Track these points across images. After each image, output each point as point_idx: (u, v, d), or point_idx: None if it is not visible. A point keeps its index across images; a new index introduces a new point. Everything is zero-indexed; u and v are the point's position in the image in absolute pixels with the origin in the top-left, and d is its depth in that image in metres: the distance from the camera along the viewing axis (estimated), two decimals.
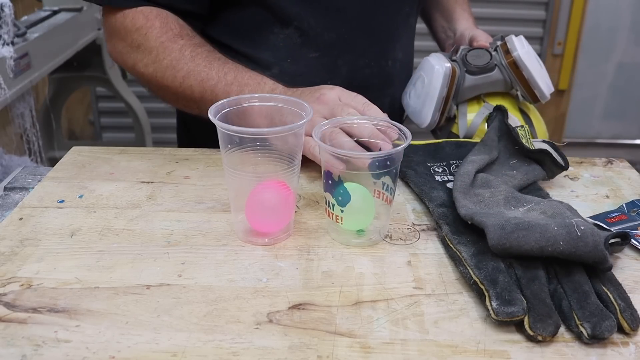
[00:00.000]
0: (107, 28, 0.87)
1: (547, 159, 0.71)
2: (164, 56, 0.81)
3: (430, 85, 0.88)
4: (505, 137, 0.74)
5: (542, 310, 0.50)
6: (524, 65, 0.86)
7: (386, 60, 0.95)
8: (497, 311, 0.50)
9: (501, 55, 0.88)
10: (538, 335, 0.49)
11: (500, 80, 0.88)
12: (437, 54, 0.90)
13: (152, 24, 0.82)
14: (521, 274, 0.54)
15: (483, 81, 0.89)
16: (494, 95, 0.91)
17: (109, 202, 0.69)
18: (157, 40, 0.82)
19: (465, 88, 0.89)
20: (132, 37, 0.83)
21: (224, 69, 0.80)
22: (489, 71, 0.88)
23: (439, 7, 1.10)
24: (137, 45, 0.83)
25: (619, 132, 2.80)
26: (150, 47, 0.82)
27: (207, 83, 0.80)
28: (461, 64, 0.89)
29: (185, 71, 0.81)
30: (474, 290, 0.54)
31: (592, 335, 0.49)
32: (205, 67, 0.80)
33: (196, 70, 0.80)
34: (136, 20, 0.82)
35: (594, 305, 0.50)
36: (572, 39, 2.60)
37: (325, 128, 0.63)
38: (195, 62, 0.81)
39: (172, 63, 0.81)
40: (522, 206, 0.61)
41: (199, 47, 0.82)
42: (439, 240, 0.63)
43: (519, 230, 0.54)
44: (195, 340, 0.49)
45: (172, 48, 0.81)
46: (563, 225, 0.54)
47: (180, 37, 0.83)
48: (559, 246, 0.53)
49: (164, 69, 0.81)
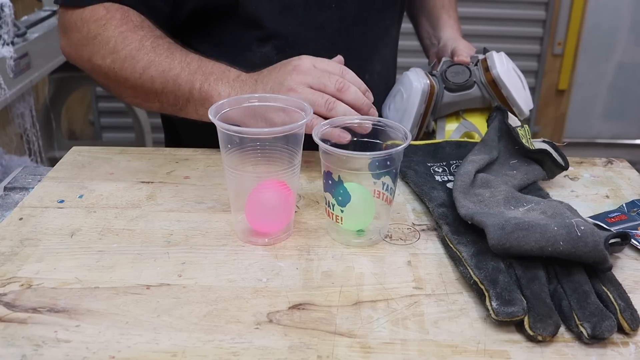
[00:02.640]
0: (62, 23, 0.84)
1: (547, 159, 0.71)
2: (123, 46, 0.78)
3: (409, 101, 0.88)
4: (505, 137, 0.74)
5: (542, 310, 0.50)
6: (502, 84, 0.86)
7: (363, 74, 0.94)
8: (497, 311, 0.50)
9: (481, 71, 0.88)
10: (538, 335, 0.49)
11: (479, 97, 0.88)
12: (417, 69, 0.90)
13: (113, 15, 0.79)
14: (521, 274, 0.54)
15: (461, 98, 0.89)
16: (472, 111, 0.91)
17: (109, 202, 0.69)
18: (116, 30, 0.78)
19: (443, 104, 0.89)
20: (89, 27, 0.79)
21: (186, 59, 0.77)
22: (468, 88, 0.88)
23: (425, 12, 1.08)
24: (94, 35, 0.79)
25: (619, 132, 2.80)
26: (108, 37, 0.78)
27: (169, 73, 0.76)
28: (440, 80, 0.89)
29: (145, 61, 0.77)
30: (474, 290, 0.54)
31: (592, 335, 0.49)
32: (167, 58, 0.77)
33: (157, 60, 0.77)
34: (96, 11, 0.79)
35: (594, 305, 0.50)
36: (572, 39, 2.60)
37: (325, 128, 0.63)
38: (156, 52, 0.77)
39: (131, 53, 0.77)
40: (522, 206, 0.61)
41: (160, 39, 0.79)
42: (439, 240, 0.63)
43: (519, 230, 0.54)
44: (195, 340, 0.49)
45: (132, 38, 0.78)
46: (563, 226, 0.54)
47: (141, 28, 0.79)
48: (559, 246, 0.53)
49: (123, 59, 0.77)
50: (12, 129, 1.71)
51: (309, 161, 0.79)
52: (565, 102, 2.72)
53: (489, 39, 2.40)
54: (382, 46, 0.98)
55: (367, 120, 0.66)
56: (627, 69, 2.69)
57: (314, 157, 0.79)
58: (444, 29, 1.04)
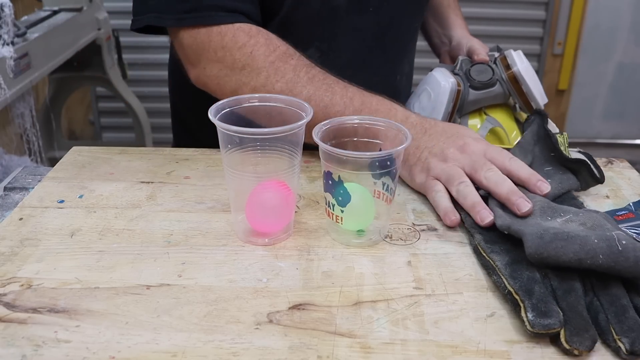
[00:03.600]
0: (192, 49, 0.77)
1: (583, 169, 0.70)
2: (277, 78, 0.73)
3: (437, 101, 0.90)
4: (541, 142, 0.72)
5: (579, 323, 0.48)
6: (523, 80, 0.90)
7: (395, 75, 0.95)
8: (533, 323, 0.48)
9: (501, 69, 0.92)
10: (575, 350, 0.47)
11: (501, 94, 0.92)
12: (442, 69, 0.93)
13: (257, 40, 0.74)
14: (557, 285, 0.52)
15: (485, 95, 0.92)
16: (493, 107, 0.94)
17: (109, 202, 0.69)
18: (266, 60, 0.73)
19: (468, 102, 0.92)
20: (234, 57, 0.74)
21: (347, 94, 0.73)
22: (491, 86, 0.92)
23: (432, 11, 1.10)
24: (242, 66, 0.74)
25: (619, 132, 2.80)
26: (259, 68, 0.73)
27: (331, 110, 0.72)
28: (464, 79, 0.92)
29: (304, 95, 0.72)
30: (509, 301, 0.53)
31: (630, 351, 0.47)
32: (327, 92, 0.73)
33: (317, 94, 0.72)
34: (238, 38, 0.74)
35: (632, 319, 0.49)
36: (572, 39, 2.60)
37: (325, 128, 0.63)
38: (314, 85, 0.73)
39: (287, 86, 0.73)
40: (559, 216, 0.59)
41: (313, 68, 0.75)
42: (471, 248, 0.61)
43: (557, 240, 0.53)
44: (195, 341, 0.49)
45: (285, 69, 0.73)
46: (604, 238, 0.52)
47: (290, 56, 0.75)
48: (598, 259, 0.51)
49: (278, 92, 0.72)
50: (12, 129, 1.71)
51: (309, 161, 0.79)
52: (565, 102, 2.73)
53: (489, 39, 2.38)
54: (411, 48, 1.00)
55: (368, 120, 0.66)
56: (627, 69, 2.69)
57: (314, 157, 0.79)
58: (454, 28, 1.06)
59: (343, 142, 0.64)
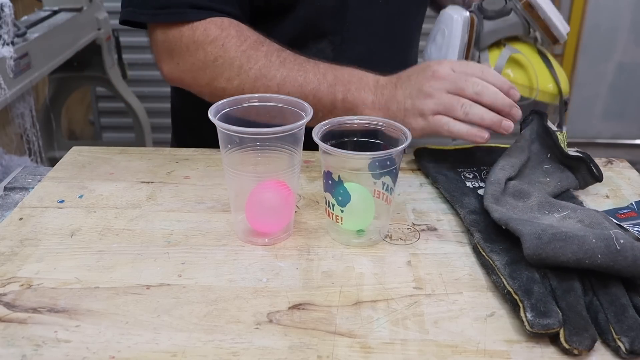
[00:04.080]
0: (165, 46, 0.78)
1: (583, 167, 0.70)
2: (250, 65, 0.75)
3: (452, 35, 0.89)
4: (539, 140, 0.72)
5: (579, 323, 0.48)
6: (538, 6, 0.88)
7: (404, 67, 0.95)
8: (532, 323, 0.48)
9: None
10: (574, 349, 0.47)
11: (518, 23, 0.89)
12: (454, 6, 0.92)
13: (228, 33, 0.75)
14: (556, 285, 0.52)
15: (501, 25, 0.90)
16: (514, 41, 0.92)
17: (109, 202, 0.69)
18: (237, 50, 0.75)
19: (485, 34, 0.90)
20: (206, 50, 0.75)
21: (320, 70, 0.75)
22: (506, 14, 0.89)
23: None
24: (214, 58, 0.75)
25: (619, 132, 2.80)
26: (232, 58, 0.75)
27: (307, 88, 0.74)
28: (478, 12, 0.90)
29: (279, 78, 0.75)
30: (508, 301, 0.53)
31: (630, 350, 0.47)
32: (300, 71, 0.75)
33: (291, 75, 0.75)
34: (209, 32, 0.75)
35: (632, 319, 0.49)
36: (572, 39, 2.60)
37: (325, 128, 0.63)
38: (286, 67, 0.75)
39: (261, 71, 0.75)
40: (557, 212, 0.60)
41: (283, 52, 0.77)
42: (471, 248, 0.62)
43: (555, 240, 0.53)
44: (195, 340, 0.49)
45: (257, 55, 0.75)
46: (602, 238, 0.52)
47: (261, 43, 0.76)
48: (597, 259, 0.51)
49: (253, 79, 0.75)
50: (12, 129, 1.71)
51: (309, 161, 0.79)
52: None
53: None
54: (417, 37, 1.01)
55: (368, 120, 0.66)
56: (627, 69, 2.69)
57: (314, 157, 0.79)
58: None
59: (343, 142, 0.64)
